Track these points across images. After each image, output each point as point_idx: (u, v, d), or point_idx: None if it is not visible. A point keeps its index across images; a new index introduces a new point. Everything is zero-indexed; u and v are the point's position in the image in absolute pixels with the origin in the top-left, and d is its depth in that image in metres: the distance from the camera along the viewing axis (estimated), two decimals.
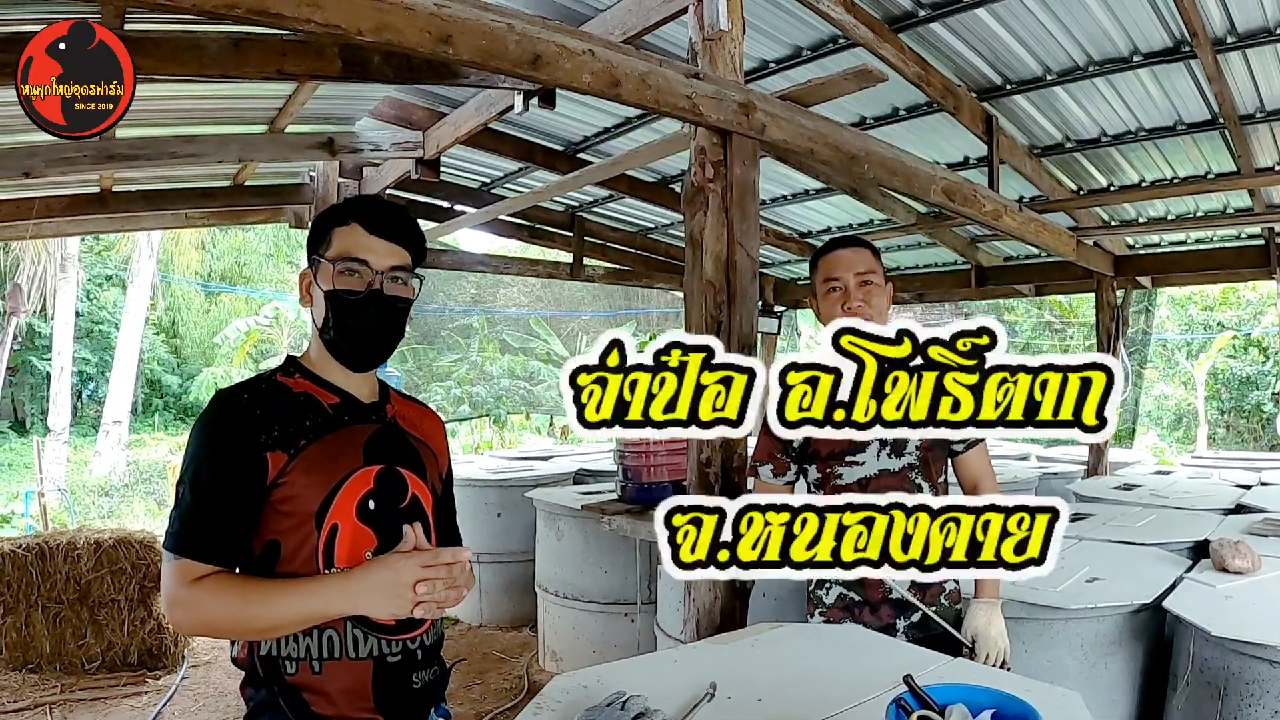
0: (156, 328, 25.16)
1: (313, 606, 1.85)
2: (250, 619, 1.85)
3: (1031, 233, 6.29)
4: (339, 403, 2.07)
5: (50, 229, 7.70)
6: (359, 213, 2.07)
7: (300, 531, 1.93)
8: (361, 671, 1.97)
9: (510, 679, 6.67)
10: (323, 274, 2.04)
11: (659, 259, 10.23)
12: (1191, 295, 21.90)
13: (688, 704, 2.25)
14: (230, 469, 1.88)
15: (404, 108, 6.12)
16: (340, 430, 2.03)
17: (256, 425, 1.92)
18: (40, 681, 6.46)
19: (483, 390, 18.36)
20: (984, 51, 5.03)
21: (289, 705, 1.92)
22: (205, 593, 1.82)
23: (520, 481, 8.05)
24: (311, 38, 4.08)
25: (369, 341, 2.08)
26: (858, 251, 3.12)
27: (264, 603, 1.83)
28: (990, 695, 1.82)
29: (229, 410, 1.95)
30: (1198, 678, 3.46)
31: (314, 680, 1.93)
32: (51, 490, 12.70)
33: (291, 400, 2.02)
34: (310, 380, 2.08)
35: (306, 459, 1.95)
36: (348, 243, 2.03)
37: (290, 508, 1.92)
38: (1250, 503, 6.00)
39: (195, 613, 1.84)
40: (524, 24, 2.92)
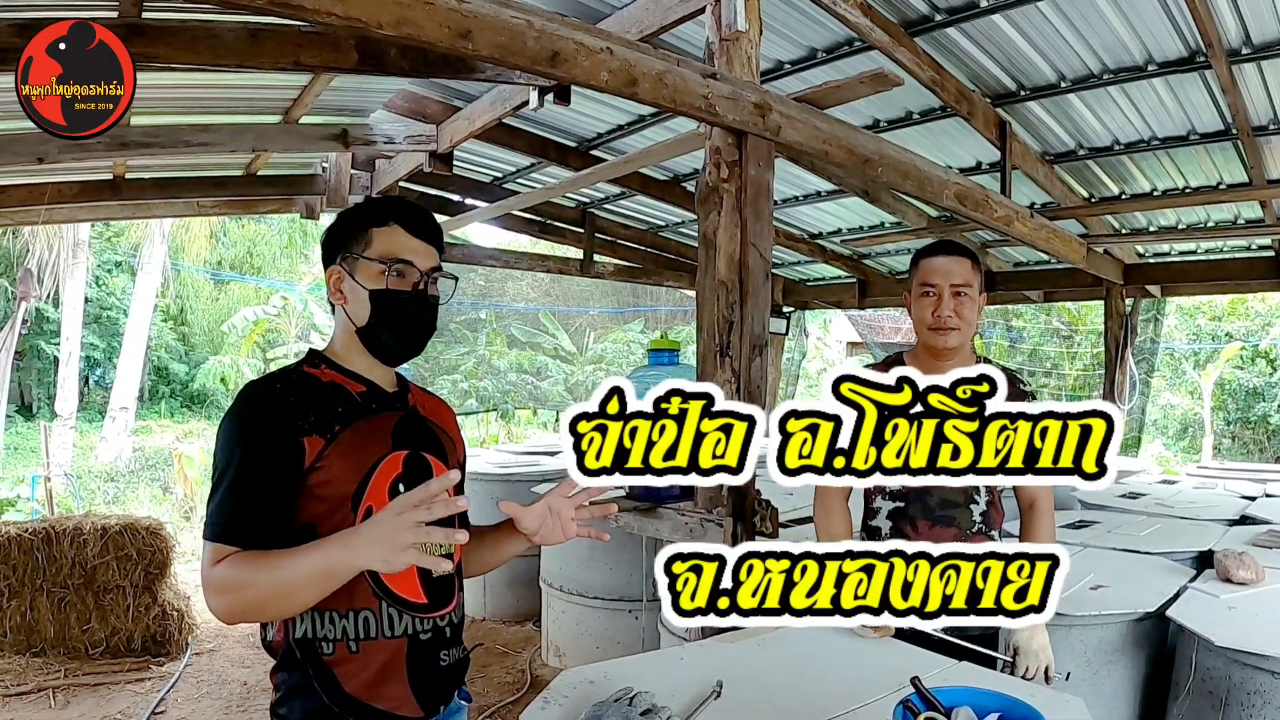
0: (165, 315, 25.17)
1: (319, 560, 1.83)
2: (273, 587, 1.84)
3: (1042, 239, 6.29)
4: (365, 391, 2.13)
5: (62, 215, 7.72)
6: (399, 214, 2.13)
7: (336, 515, 1.96)
8: (396, 650, 2.02)
9: (513, 673, 6.68)
10: (364, 272, 2.10)
11: (669, 257, 10.25)
12: (1200, 305, 21.83)
13: (694, 701, 2.26)
14: (270, 454, 1.92)
15: (418, 101, 6.13)
16: (370, 417, 2.09)
17: (292, 412, 1.96)
18: (44, 666, 6.47)
19: (490, 384, 18.36)
20: (999, 57, 5.04)
21: (323, 687, 1.97)
22: (231, 571, 1.83)
23: (527, 476, 8.04)
24: (329, 30, 4.09)
25: (411, 337, 2.17)
26: (958, 260, 3.14)
27: (290, 564, 1.83)
28: (996, 699, 1.84)
29: (265, 398, 1.99)
30: (1199, 687, 3.46)
31: (350, 659, 1.97)
32: (57, 475, 12.69)
33: (321, 389, 2.06)
34: (336, 371, 2.13)
35: (342, 444, 1.99)
36: (391, 244, 2.10)
37: (326, 492, 1.96)
38: (1255, 514, 6.00)
39: (227, 594, 1.85)
40: (543, 21, 2.93)
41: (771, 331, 3.82)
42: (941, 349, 3.18)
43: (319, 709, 1.97)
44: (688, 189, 7.68)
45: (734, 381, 3.62)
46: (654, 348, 4.68)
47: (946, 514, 3.16)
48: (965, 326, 3.13)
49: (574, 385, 18.69)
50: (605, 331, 20.31)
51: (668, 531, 3.93)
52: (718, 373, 3.64)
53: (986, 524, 3.20)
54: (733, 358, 3.62)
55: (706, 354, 3.70)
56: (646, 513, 4.07)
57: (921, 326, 3.20)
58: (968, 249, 3.22)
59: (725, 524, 3.56)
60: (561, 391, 18.60)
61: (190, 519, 13.22)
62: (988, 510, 3.20)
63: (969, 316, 3.13)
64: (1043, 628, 3.04)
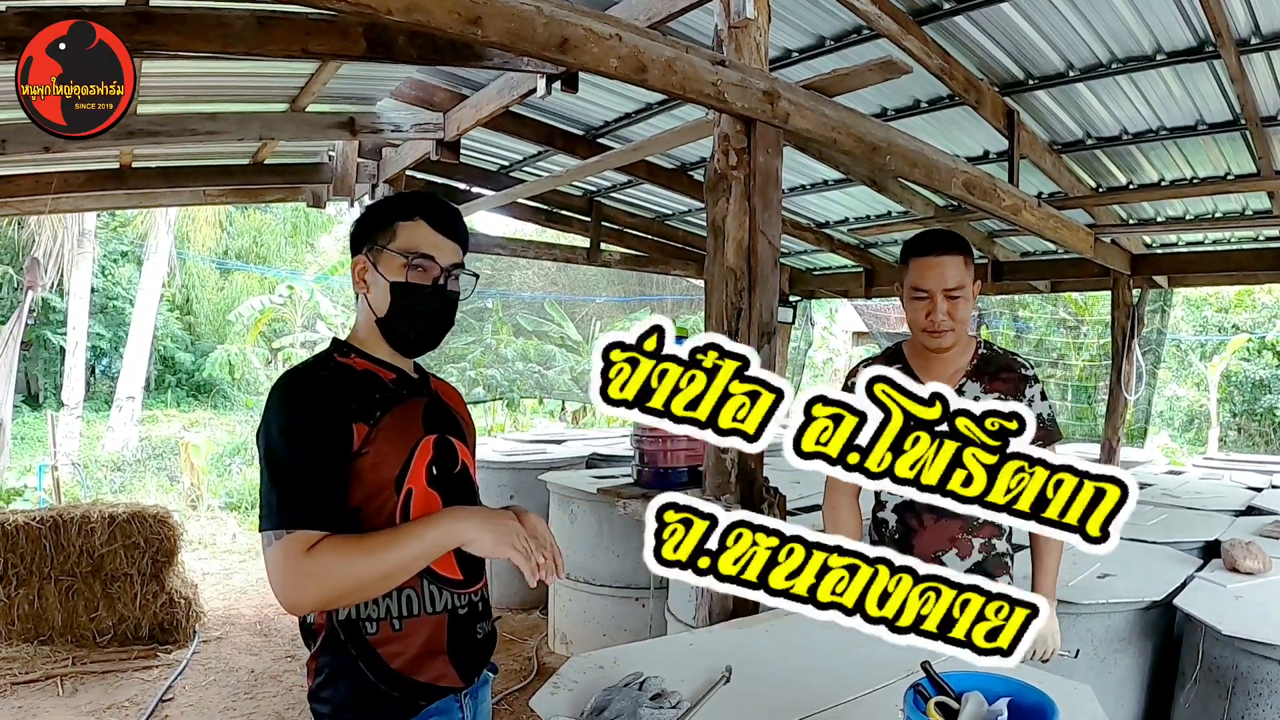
0: (170, 304, 25.19)
1: (427, 541, 1.98)
2: (376, 569, 1.92)
3: (1050, 229, 6.28)
4: (395, 378, 2.19)
5: (69, 204, 7.71)
6: (425, 209, 2.19)
7: (380, 497, 2.03)
8: (437, 625, 2.09)
9: (520, 660, 6.71)
10: (386, 263, 2.15)
11: (676, 245, 10.22)
12: (1207, 296, 21.81)
13: (704, 686, 2.27)
14: (324, 438, 1.96)
15: (425, 89, 6.12)
16: (404, 403, 2.15)
17: (339, 399, 2.02)
18: (52, 653, 6.50)
19: (497, 373, 18.34)
20: (1007, 46, 5.02)
21: (369, 666, 2.02)
22: (327, 557, 1.88)
23: (533, 464, 8.07)
24: (338, 17, 4.09)
25: (427, 330, 2.22)
26: (950, 260, 3.08)
27: (387, 548, 1.93)
28: (1007, 683, 1.84)
29: (311, 385, 2.05)
30: (1206, 676, 3.47)
31: (394, 637, 2.03)
32: (65, 464, 12.74)
33: (358, 377, 2.12)
34: (366, 359, 2.18)
35: (384, 429, 2.05)
36: (415, 238, 2.16)
37: (372, 476, 2.01)
38: (1261, 505, 6.02)
39: (321, 581, 1.89)
40: (552, 7, 2.93)
41: (779, 320, 3.82)
42: (936, 350, 3.18)
43: (365, 689, 2.02)
44: (695, 177, 7.67)
45: None
46: None
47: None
48: (960, 326, 3.10)
49: (580, 374, 18.66)
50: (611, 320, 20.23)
51: None
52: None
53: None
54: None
55: None
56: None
57: (915, 328, 3.19)
58: (959, 240, 3.17)
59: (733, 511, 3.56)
60: (568, 381, 18.57)
61: (197, 508, 13.27)
62: None
63: (963, 316, 3.11)
64: (1053, 613, 3.05)
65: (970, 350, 3.25)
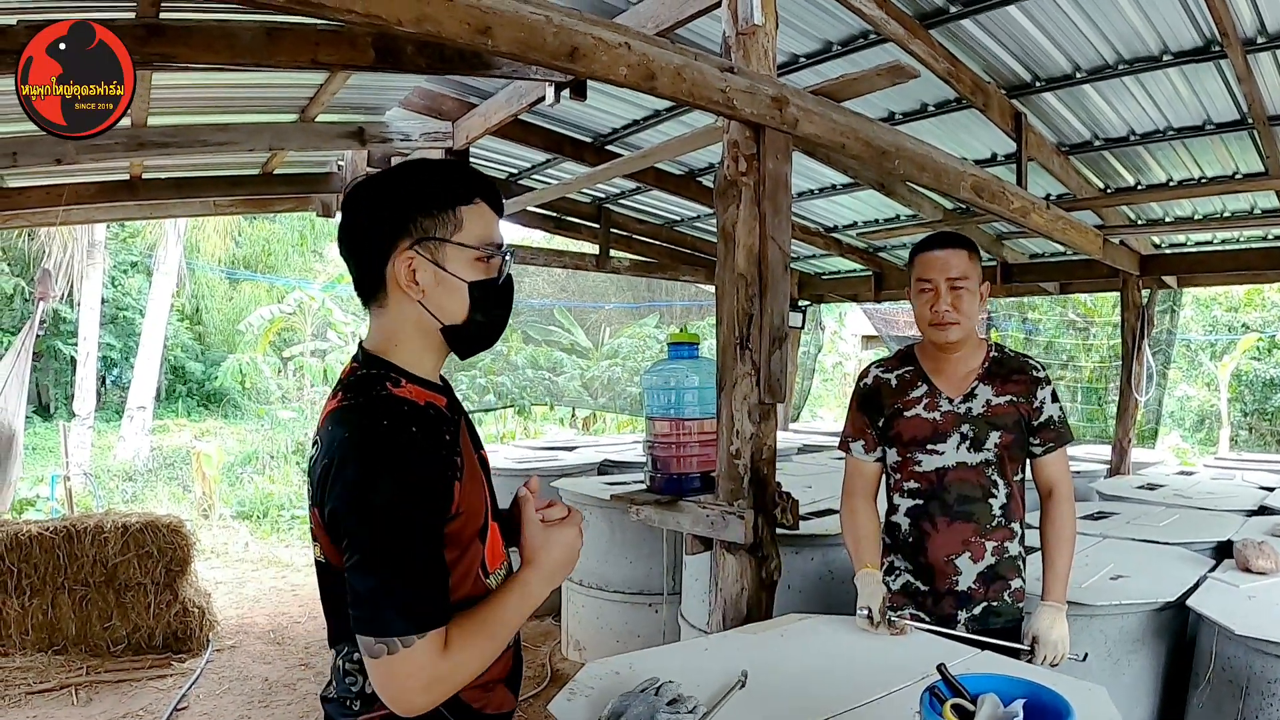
0: (181, 314, 25.29)
1: (530, 603, 1.79)
2: (497, 649, 1.76)
3: (1059, 230, 6.28)
4: (447, 402, 1.86)
5: (80, 215, 7.75)
6: (481, 188, 1.85)
7: (469, 555, 1.79)
8: (507, 658, 1.93)
9: (533, 667, 6.71)
10: (455, 259, 1.78)
11: (685, 251, 10.23)
12: (1216, 296, 21.73)
13: (720, 691, 2.28)
14: (437, 514, 1.67)
15: (434, 98, 6.15)
16: (460, 432, 1.82)
17: (435, 458, 1.68)
18: (66, 663, 6.53)
19: (508, 380, 18.35)
20: (1014, 48, 5.03)
21: (453, 712, 1.77)
22: (463, 653, 1.65)
23: (545, 471, 8.06)
24: (347, 28, 4.12)
25: (500, 331, 1.93)
26: (954, 253, 3.16)
27: (505, 625, 1.75)
28: (1022, 685, 1.85)
29: (412, 448, 1.65)
30: (1219, 676, 3.47)
31: (477, 682, 1.78)
32: (76, 474, 12.76)
33: (431, 418, 1.73)
34: (417, 384, 1.79)
35: (466, 477, 1.75)
36: (486, 226, 1.82)
37: (464, 529, 1.76)
38: (1273, 504, 6.01)
39: (457, 681, 1.68)
40: (561, 16, 2.94)
41: (789, 325, 3.82)
42: (943, 343, 3.20)
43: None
44: (703, 183, 7.68)
45: (754, 374, 3.63)
46: (674, 341, 4.70)
47: (965, 509, 3.18)
48: (965, 319, 3.14)
49: (589, 380, 18.68)
50: (621, 327, 20.28)
51: (688, 524, 3.94)
52: (738, 365, 3.65)
53: (1007, 517, 3.21)
54: (753, 350, 3.63)
55: (726, 347, 3.71)
56: (667, 506, 4.08)
57: (922, 322, 3.23)
58: (964, 239, 3.24)
59: (746, 516, 3.56)
60: (577, 387, 18.58)
61: (209, 517, 13.31)
62: (1008, 503, 3.20)
63: (968, 309, 3.15)
64: (1063, 617, 3.07)
65: (982, 353, 3.28)
